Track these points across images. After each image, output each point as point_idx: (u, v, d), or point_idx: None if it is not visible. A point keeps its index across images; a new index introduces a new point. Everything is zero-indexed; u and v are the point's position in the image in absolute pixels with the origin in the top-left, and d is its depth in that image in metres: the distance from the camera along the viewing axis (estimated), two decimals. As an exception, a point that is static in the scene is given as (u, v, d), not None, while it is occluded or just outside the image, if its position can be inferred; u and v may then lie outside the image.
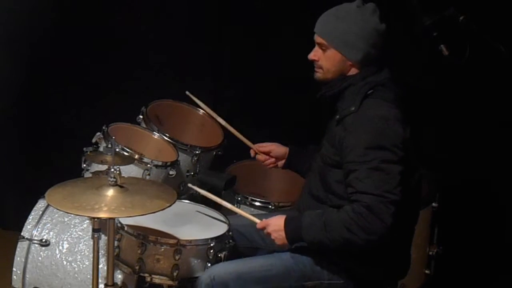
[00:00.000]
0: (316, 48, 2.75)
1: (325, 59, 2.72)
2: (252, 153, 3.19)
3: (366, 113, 2.58)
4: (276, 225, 2.71)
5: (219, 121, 3.33)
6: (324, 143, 2.77)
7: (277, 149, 3.13)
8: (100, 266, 2.75)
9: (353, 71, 2.70)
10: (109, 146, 2.86)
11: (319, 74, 2.75)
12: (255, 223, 2.79)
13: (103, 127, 3.20)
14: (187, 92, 3.35)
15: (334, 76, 2.72)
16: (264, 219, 2.77)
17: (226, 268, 2.73)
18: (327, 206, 2.67)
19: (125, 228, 2.82)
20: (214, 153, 3.47)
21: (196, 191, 3.03)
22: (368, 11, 2.67)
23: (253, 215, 2.89)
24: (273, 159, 3.14)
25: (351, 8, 2.69)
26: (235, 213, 3.23)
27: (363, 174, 2.52)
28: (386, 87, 2.64)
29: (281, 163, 3.14)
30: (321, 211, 2.66)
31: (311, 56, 2.75)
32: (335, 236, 2.56)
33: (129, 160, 3.05)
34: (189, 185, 3.08)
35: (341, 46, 2.68)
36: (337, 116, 2.68)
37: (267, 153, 3.15)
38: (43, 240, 3.13)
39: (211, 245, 2.79)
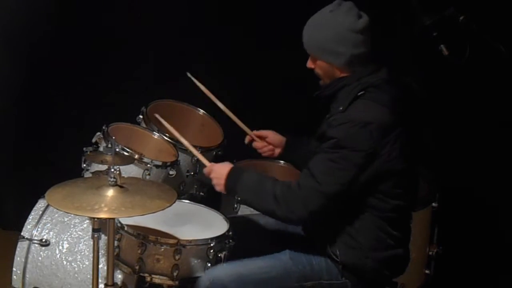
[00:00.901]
0: (310, 57, 2.77)
1: (318, 68, 2.75)
2: (247, 139, 3.19)
3: (350, 113, 2.58)
4: (219, 172, 2.78)
5: (218, 105, 3.27)
6: (312, 141, 2.81)
7: (274, 136, 3.13)
8: (100, 266, 2.75)
9: (344, 73, 2.70)
10: (109, 146, 2.86)
11: (320, 81, 2.77)
12: (205, 166, 2.87)
13: (103, 127, 3.20)
14: (188, 74, 3.32)
15: (330, 81, 2.73)
16: (212, 163, 2.86)
17: (225, 271, 2.74)
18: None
19: (125, 228, 2.82)
20: (214, 153, 3.47)
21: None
22: (341, 12, 2.65)
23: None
24: (270, 146, 3.13)
25: (324, 14, 2.69)
26: (235, 213, 3.24)
27: (319, 158, 2.59)
28: (379, 89, 2.62)
29: (277, 151, 3.13)
30: (263, 175, 2.75)
31: (307, 64, 2.78)
32: (262, 203, 2.66)
33: (129, 160, 3.05)
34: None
35: (322, 54, 2.70)
36: (327, 115, 2.70)
37: (263, 139, 3.14)
38: (43, 240, 3.13)
39: (211, 245, 2.79)
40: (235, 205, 3.30)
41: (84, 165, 3.21)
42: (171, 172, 3.21)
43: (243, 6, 3.99)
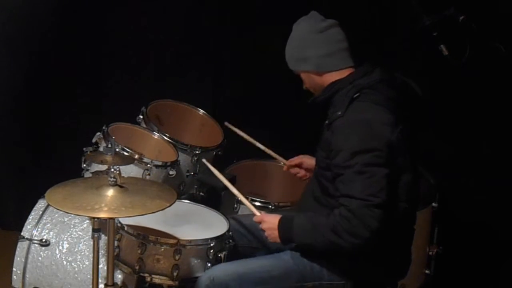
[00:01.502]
0: (297, 75, 2.82)
1: (306, 82, 2.79)
2: (284, 168, 3.25)
3: (351, 117, 2.58)
4: (271, 222, 2.74)
5: (258, 146, 3.36)
6: (317, 148, 2.79)
7: (308, 161, 3.13)
8: (100, 266, 2.75)
9: (331, 76, 2.71)
10: (109, 146, 2.86)
11: (318, 97, 2.78)
12: (254, 215, 2.83)
13: (103, 127, 3.20)
14: (225, 123, 3.46)
15: (323, 89, 2.74)
16: (262, 213, 2.82)
17: (225, 269, 2.74)
18: (324, 208, 2.67)
19: (125, 228, 2.82)
20: (214, 153, 3.47)
21: (208, 168, 3.08)
22: (302, 20, 2.74)
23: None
24: (304, 172, 3.16)
25: (293, 29, 2.77)
26: (235, 213, 3.24)
27: (347, 178, 2.54)
28: (374, 89, 2.62)
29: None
30: (312, 214, 2.69)
31: (303, 86, 2.82)
32: (322, 239, 2.59)
33: (129, 160, 3.05)
34: (203, 160, 3.17)
35: (296, 65, 2.76)
36: (327, 121, 2.69)
37: (298, 166, 3.17)
38: (43, 240, 3.13)
39: (211, 245, 2.79)
40: (235, 205, 3.30)
41: (84, 165, 3.21)
42: (171, 172, 3.21)
43: (243, 6, 3.99)
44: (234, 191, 2.94)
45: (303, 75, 2.77)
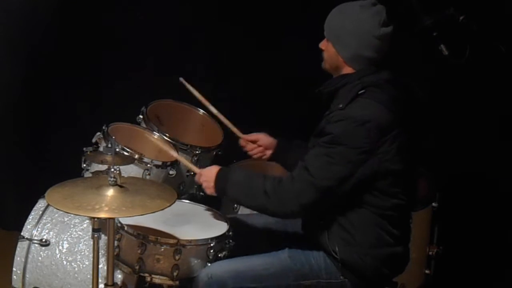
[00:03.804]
0: (325, 38, 2.77)
1: (326, 51, 2.76)
2: (240, 142, 3.20)
3: (349, 111, 2.59)
4: (208, 175, 2.81)
5: (211, 110, 3.27)
6: (311, 136, 2.80)
7: (265, 138, 3.13)
8: (100, 266, 2.75)
9: (348, 69, 2.71)
10: (109, 146, 2.86)
11: (322, 63, 2.79)
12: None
13: (103, 127, 3.20)
14: (180, 79, 3.28)
15: (330, 68, 2.76)
16: (201, 169, 2.89)
17: (224, 267, 2.74)
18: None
19: (125, 228, 2.82)
20: (214, 153, 3.47)
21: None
22: (369, 12, 2.66)
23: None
24: (260, 148, 3.14)
25: (354, 6, 2.70)
26: (235, 213, 3.24)
27: (315, 152, 2.61)
28: (380, 88, 2.62)
29: (268, 153, 3.13)
30: (251, 173, 2.78)
31: (320, 44, 2.78)
32: (253, 199, 2.69)
33: (129, 160, 3.05)
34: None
35: (334, 40, 2.72)
36: (327, 112, 2.71)
37: (254, 142, 3.14)
38: (43, 240, 3.13)
39: (211, 245, 2.79)
40: (235, 205, 3.30)
41: (84, 165, 3.21)
42: (171, 172, 3.22)
43: (243, 6, 3.99)
44: (174, 154, 3.03)
45: (331, 48, 2.73)
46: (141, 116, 3.41)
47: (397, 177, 2.62)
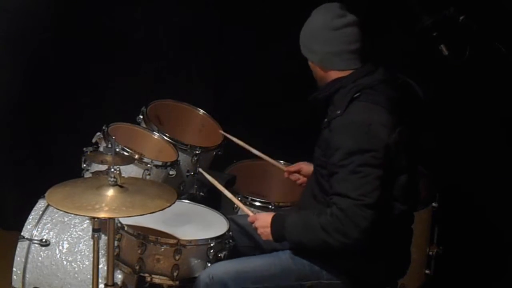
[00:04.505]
0: None
1: (311, 67, 2.77)
2: (285, 175, 3.22)
3: (349, 117, 2.58)
4: (263, 221, 2.75)
5: (254, 153, 3.35)
6: (315, 146, 2.79)
7: (305, 167, 3.12)
8: (100, 266, 2.75)
9: (333, 73, 2.70)
10: (109, 146, 2.85)
11: (318, 85, 2.78)
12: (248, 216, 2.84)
13: (103, 127, 3.20)
14: (221, 131, 3.44)
15: (320, 81, 2.75)
16: (255, 213, 2.83)
17: (225, 267, 2.74)
18: (322, 206, 2.67)
19: (125, 228, 2.82)
20: (214, 153, 3.47)
21: (205, 177, 3.07)
22: (320, 12, 2.69)
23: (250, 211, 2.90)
24: (304, 179, 3.13)
25: (311, 14, 2.73)
26: (235, 213, 3.24)
27: (341, 177, 2.54)
28: (375, 90, 2.61)
29: None
30: (305, 212, 2.70)
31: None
32: (313, 238, 2.60)
33: (129, 160, 3.05)
34: (199, 169, 3.16)
35: (305, 53, 2.74)
36: (326, 120, 2.69)
37: (297, 172, 3.16)
38: (43, 240, 3.13)
39: (211, 245, 2.79)
40: (235, 205, 3.30)
41: (84, 165, 3.21)
42: (171, 172, 3.21)
43: (243, 5, 3.99)
44: (228, 195, 2.95)
45: (309, 63, 2.75)
46: (141, 116, 3.41)
47: (401, 176, 2.61)
